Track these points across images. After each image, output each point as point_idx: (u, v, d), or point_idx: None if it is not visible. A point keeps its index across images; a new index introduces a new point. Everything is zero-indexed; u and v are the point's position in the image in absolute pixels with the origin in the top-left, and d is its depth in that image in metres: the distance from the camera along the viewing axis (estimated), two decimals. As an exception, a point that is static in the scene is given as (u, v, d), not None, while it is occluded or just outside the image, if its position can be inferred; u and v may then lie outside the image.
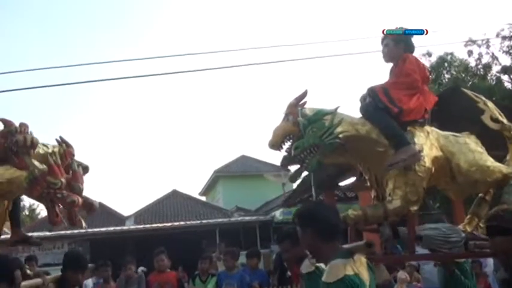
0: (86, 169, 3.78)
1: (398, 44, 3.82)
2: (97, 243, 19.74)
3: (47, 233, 17.76)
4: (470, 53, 23.09)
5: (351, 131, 3.40)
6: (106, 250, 16.59)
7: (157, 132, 60.09)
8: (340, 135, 3.32)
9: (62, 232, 17.58)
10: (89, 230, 20.26)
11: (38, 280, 3.90)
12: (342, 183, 13.13)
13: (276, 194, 24.32)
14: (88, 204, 3.64)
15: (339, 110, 3.44)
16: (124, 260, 7.32)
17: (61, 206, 3.36)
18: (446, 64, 22.88)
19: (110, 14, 58.52)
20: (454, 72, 23.29)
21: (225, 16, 58.04)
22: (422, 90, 3.67)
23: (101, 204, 28.15)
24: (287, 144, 3.49)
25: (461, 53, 22.03)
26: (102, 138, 60.08)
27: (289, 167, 3.64)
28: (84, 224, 3.62)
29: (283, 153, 3.53)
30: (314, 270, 3.28)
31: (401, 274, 7.03)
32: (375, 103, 3.54)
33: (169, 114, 59.17)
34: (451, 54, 23.08)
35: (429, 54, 23.04)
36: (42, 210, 34.98)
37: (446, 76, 22.82)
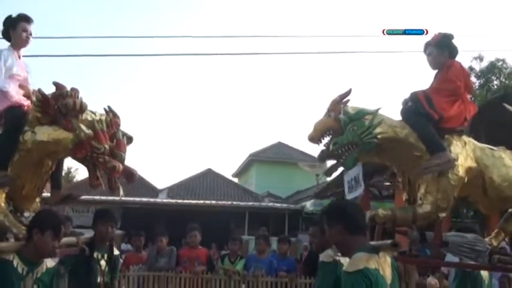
0: (130, 139, 3.91)
1: (442, 51, 3.81)
2: (129, 212, 20.10)
3: (82, 197, 18.18)
4: (522, 61, 22.27)
5: (389, 132, 3.47)
6: (137, 220, 16.93)
7: (199, 110, 60.61)
8: (379, 136, 3.39)
9: (97, 197, 17.95)
10: (123, 198, 20.65)
11: (72, 238, 4.12)
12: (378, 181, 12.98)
13: (308, 184, 24.27)
14: (128, 173, 3.72)
15: (380, 111, 3.51)
16: (156, 232, 7.43)
17: (102, 171, 3.51)
18: (496, 70, 22.22)
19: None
20: (504, 80, 22.62)
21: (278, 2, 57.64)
22: (463, 98, 3.69)
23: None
24: (326, 139, 3.60)
25: (513, 61, 21.24)
26: (145, 110, 60.97)
27: (325, 161, 3.70)
28: (122, 192, 3.74)
29: (321, 147, 3.63)
30: (331, 262, 3.33)
31: (431, 280, 6.94)
32: (416, 108, 3.58)
33: (213, 93, 59.58)
34: (503, 60, 22.40)
35: (481, 59, 22.38)
36: (77, 174, 35.87)
37: (495, 83, 22.19)
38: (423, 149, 3.47)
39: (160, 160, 63.35)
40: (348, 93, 3.59)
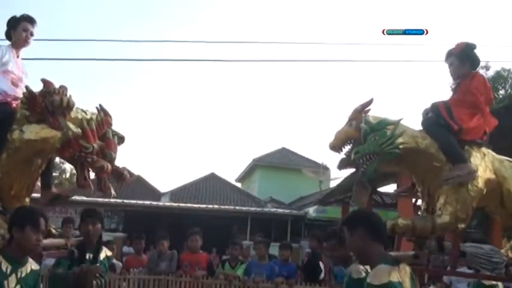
0: (121, 139, 3.85)
1: (464, 61, 3.81)
2: (131, 214, 20.13)
3: (84, 198, 18.18)
4: (528, 71, 22.28)
5: (411, 143, 3.48)
6: (139, 223, 16.94)
7: (203, 114, 60.63)
8: (400, 146, 3.42)
9: (100, 199, 17.94)
10: (125, 201, 20.70)
11: (60, 240, 3.97)
12: (381, 189, 12.97)
13: (311, 190, 24.28)
14: (118, 173, 3.68)
15: (402, 122, 3.52)
16: (157, 235, 7.41)
17: (91, 170, 3.44)
18: (502, 80, 22.22)
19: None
20: (510, 89, 22.61)
21: (284, 8, 57.81)
22: (484, 112, 3.70)
23: (139, 177, 28.79)
24: (347, 148, 3.62)
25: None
26: (150, 113, 61.04)
27: (345, 169, 3.75)
28: (113, 192, 3.66)
29: (341, 155, 3.65)
30: (364, 277, 3.25)
31: (432, 289, 6.89)
32: (436, 119, 3.61)
33: (217, 98, 59.57)
34: (509, 70, 22.40)
35: (487, 68, 22.38)
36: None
37: (501, 92, 22.17)
38: (443, 160, 3.49)
39: (164, 163, 63.29)
40: (370, 102, 3.61)
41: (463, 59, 3.79)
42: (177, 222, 16.48)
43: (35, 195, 4.00)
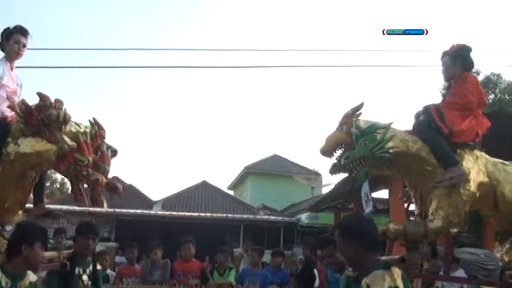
0: (114, 152, 3.84)
1: (455, 61, 3.80)
2: (123, 224, 20.00)
3: (76, 208, 18.07)
4: (516, 75, 22.51)
5: (401, 147, 3.46)
6: (131, 232, 16.83)
7: (194, 122, 60.61)
8: (391, 150, 3.39)
9: (91, 209, 17.82)
10: (117, 210, 20.59)
11: (53, 253, 3.98)
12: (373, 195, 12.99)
13: (304, 196, 24.30)
14: (112, 186, 3.66)
15: (392, 126, 3.51)
16: (150, 244, 7.37)
17: (85, 184, 3.45)
18: (491, 85, 22.42)
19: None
20: (499, 94, 22.82)
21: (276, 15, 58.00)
22: (476, 114, 3.67)
23: (131, 186, 28.62)
24: (338, 153, 3.59)
25: (508, 75, 21.49)
26: (141, 122, 60.90)
27: (337, 174, 3.72)
28: (105, 205, 3.67)
29: (333, 160, 3.63)
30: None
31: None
32: (428, 122, 3.59)
33: (208, 106, 59.61)
34: (498, 75, 22.62)
35: (477, 73, 22.58)
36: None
37: (491, 97, 22.35)
38: (435, 164, 3.47)
39: (155, 172, 63.19)
40: (360, 107, 3.59)
41: (455, 59, 3.79)
42: (170, 230, 16.40)
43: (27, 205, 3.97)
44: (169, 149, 61.74)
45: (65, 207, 18.65)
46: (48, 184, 33.70)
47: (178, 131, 61.40)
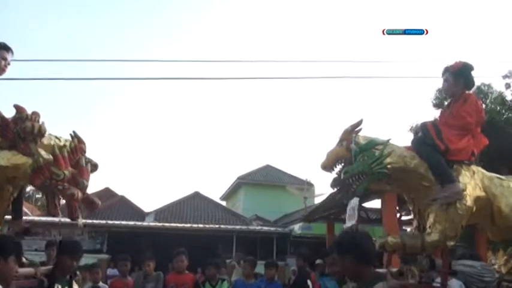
0: (95, 166, 3.81)
1: (458, 79, 3.87)
2: (115, 235, 19.89)
3: (68, 220, 17.93)
4: (508, 85, 22.67)
5: (399, 163, 3.53)
6: (123, 243, 16.69)
7: (186, 133, 60.56)
8: (389, 166, 3.47)
9: (83, 221, 17.72)
10: (109, 221, 20.48)
11: (30, 269, 3.83)
12: (366, 205, 13.03)
13: (296, 207, 24.27)
14: (89, 201, 3.60)
15: (391, 141, 3.58)
16: (143, 256, 7.33)
17: (61, 198, 3.37)
18: (482, 95, 22.56)
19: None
20: (490, 104, 22.96)
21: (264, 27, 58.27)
22: (474, 133, 3.75)
23: (123, 197, 28.54)
24: (338, 167, 3.67)
25: (499, 86, 21.61)
26: (133, 133, 60.78)
27: (337, 188, 3.78)
28: (81, 220, 3.55)
29: (333, 174, 3.71)
30: None
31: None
32: (424, 138, 3.66)
33: (199, 117, 59.65)
34: (488, 85, 22.78)
35: (469, 85, 22.75)
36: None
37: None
38: (432, 180, 3.53)
39: (147, 183, 63.00)
40: (360, 123, 3.66)
41: (458, 77, 3.86)
42: (162, 242, 16.32)
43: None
44: (161, 160, 61.64)
45: (56, 219, 18.58)
46: (39, 196, 33.40)
47: (170, 141, 61.40)
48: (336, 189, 3.83)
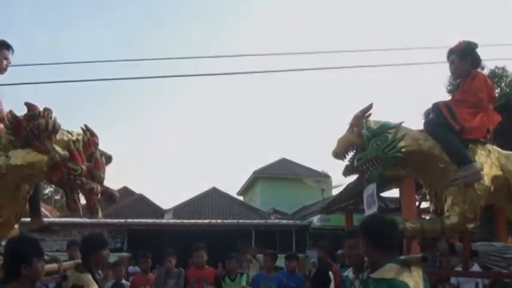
0: (109, 159, 3.76)
1: (464, 59, 3.77)
2: (135, 233, 20.07)
3: (87, 220, 18.12)
4: (522, 68, 22.28)
5: (413, 145, 3.44)
6: (143, 241, 16.84)
7: (202, 129, 60.75)
8: (403, 150, 3.38)
9: (102, 220, 17.90)
10: (128, 220, 20.65)
11: (53, 265, 3.85)
12: (384, 194, 12.95)
13: (314, 199, 24.25)
14: (108, 194, 3.58)
15: (403, 125, 3.49)
16: (164, 252, 7.38)
17: (80, 193, 3.36)
18: (496, 79, 22.24)
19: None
20: (505, 87, 22.61)
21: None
22: (487, 110, 3.65)
23: (141, 195, 28.78)
24: (350, 154, 3.59)
25: (513, 68, 21.26)
26: (150, 130, 61.16)
27: (351, 176, 3.70)
28: (100, 214, 3.54)
29: (345, 162, 3.62)
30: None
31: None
32: (437, 119, 3.56)
33: (216, 112, 59.75)
34: (503, 68, 22.42)
35: (482, 67, 22.41)
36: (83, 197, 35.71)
37: (496, 91, 22.17)
38: (447, 161, 3.45)
39: (165, 180, 63.38)
40: (370, 107, 3.60)
41: (463, 57, 3.76)
42: (181, 238, 16.40)
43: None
44: (178, 157, 61.98)
45: (76, 220, 18.85)
46: (58, 197, 33.76)
47: (185, 139, 61.59)
48: (347, 177, 3.75)
